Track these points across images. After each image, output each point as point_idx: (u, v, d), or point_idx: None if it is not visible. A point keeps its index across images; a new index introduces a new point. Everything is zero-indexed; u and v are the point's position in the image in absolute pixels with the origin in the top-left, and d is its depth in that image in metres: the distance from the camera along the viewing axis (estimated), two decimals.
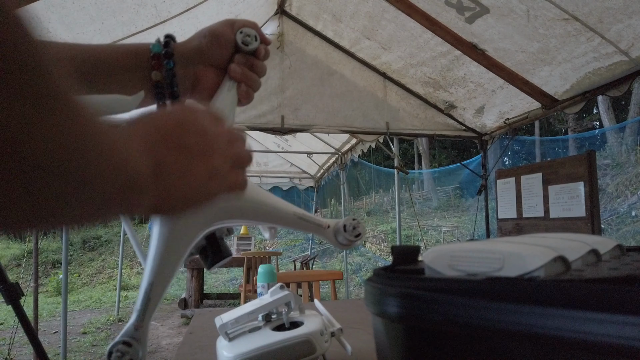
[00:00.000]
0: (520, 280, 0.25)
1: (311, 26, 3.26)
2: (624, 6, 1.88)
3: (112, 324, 5.11)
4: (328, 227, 0.51)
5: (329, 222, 0.51)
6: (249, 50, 0.50)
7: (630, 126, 10.04)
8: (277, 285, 0.82)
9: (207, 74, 0.50)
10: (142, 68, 0.47)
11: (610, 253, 0.36)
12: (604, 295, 0.20)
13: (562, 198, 2.62)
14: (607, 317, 0.20)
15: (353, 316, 1.22)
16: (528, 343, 0.22)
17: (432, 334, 0.27)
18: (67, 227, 0.26)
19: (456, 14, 2.44)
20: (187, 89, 0.50)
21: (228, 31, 0.50)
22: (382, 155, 13.46)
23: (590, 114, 13.92)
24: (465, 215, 10.71)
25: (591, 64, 2.31)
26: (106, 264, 9.58)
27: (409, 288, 0.28)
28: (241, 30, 0.49)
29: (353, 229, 0.50)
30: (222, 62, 0.50)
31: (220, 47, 0.49)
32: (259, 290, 1.13)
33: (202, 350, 0.92)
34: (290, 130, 3.28)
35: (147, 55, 0.47)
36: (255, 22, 0.51)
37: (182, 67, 0.48)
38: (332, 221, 0.51)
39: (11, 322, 3.64)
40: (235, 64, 0.50)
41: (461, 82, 3.06)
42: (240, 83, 0.50)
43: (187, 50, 0.49)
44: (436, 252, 0.31)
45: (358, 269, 8.50)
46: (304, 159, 6.06)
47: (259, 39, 0.50)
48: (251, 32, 0.50)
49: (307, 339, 0.72)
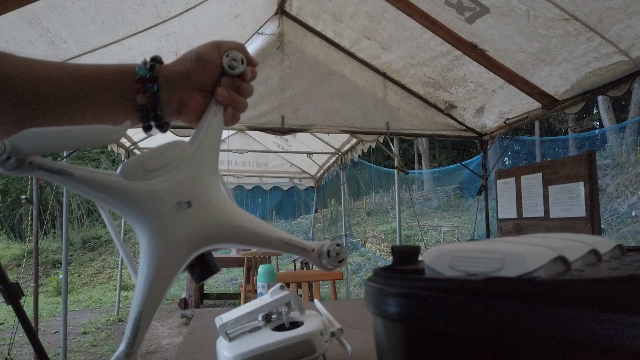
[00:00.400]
0: (521, 280, 0.25)
1: (311, 26, 3.27)
2: (624, 6, 1.88)
3: (112, 324, 5.11)
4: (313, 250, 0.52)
5: (313, 245, 0.52)
6: (236, 73, 0.50)
7: (631, 126, 10.04)
8: (277, 285, 0.82)
9: (194, 97, 0.50)
10: (128, 90, 0.47)
11: (610, 253, 0.36)
12: (604, 295, 0.20)
13: (562, 198, 2.62)
14: (607, 317, 0.20)
15: (353, 316, 1.22)
16: (528, 343, 0.22)
17: (432, 334, 0.27)
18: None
19: (456, 14, 2.44)
20: (173, 111, 0.50)
21: (214, 55, 0.50)
22: (382, 155, 13.46)
23: (591, 114, 13.92)
24: (465, 215, 10.71)
25: (591, 64, 2.31)
26: (106, 264, 9.57)
27: (409, 288, 0.28)
28: (227, 54, 0.50)
29: (336, 255, 0.52)
30: (208, 85, 0.51)
31: (207, 71, 0.50)
32: (259, 290, 1.13)
33: (202, 350, 0.92)
34: (290, 130, 3.29)
35: (132, 78, 0.48)
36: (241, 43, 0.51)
37: (169, 91, 0.49)
38: (317, 244, 0.52)
39: (11, 322, 3.64)
40: (221, 88, 0.50)
41: (461, 82, 3.06)
42: (227, 106, 0.51)
43: (173, 73, 0.49)
44: (436, 252, 0.31)
45: (358, 269, 8.51)
46: (304, 159, 6.06)
47: (246, 62, 0.51)
48: (237, 55, 0.50)
49: (307, 339, 0.72)
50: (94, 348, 4.08)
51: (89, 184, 0.42)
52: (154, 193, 0.43)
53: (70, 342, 4.03)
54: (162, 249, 0.43)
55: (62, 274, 3.80)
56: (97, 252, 10.22)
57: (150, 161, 0.44)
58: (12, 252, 9.70)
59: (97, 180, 0.42)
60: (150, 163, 0.44)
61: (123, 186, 0.43)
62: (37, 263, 2.87)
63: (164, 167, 0.44)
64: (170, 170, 0.45)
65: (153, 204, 0.43)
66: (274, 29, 3.25)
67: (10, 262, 9.19)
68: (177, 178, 0.45)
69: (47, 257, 9.26)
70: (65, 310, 3.24)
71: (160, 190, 0.44)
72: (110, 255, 9.88)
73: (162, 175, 0.44)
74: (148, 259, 0.43)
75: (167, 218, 0.43)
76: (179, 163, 0.45)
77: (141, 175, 0.43)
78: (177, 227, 0.44)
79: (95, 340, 4.33)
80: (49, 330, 4.75)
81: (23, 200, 3.10)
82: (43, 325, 4.82)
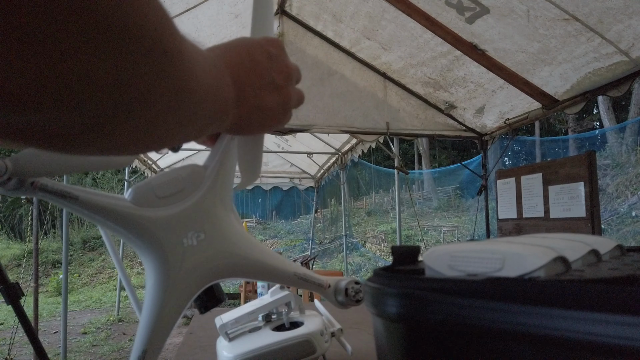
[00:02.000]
0: (521, 281, 0.25)
1: (311, 26, 3.27)
2: (624, 6, 1.88)
3: (112, 324, 5.11)
4: (329, 286, 0.51)
5: (329, 281, 0.51)
6: None
7: (631, 126, 10.04)
8: (277, 286, 0.82)
9: None
10: None
11: (610, 253, 0.36)
12: (604, 296, 0.20)
13: (562, 198, 2.62)
14: (608, 317, 0.20)
15: (353, 316, 1.22)
16: (528, 343, 0.22)
17: (432, 334, 0.27)
18: (172, 145, 0.30)
19: (456, 14, 2.44)
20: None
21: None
22: (382, 155, 13.46)
23: (591, 114, 13.92)
24: (465, 215, 10.71)
25: (591, 64, 2.31)
26: (106, 264, 9.57)
27: (409, 288, 0.28)
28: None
29: (355, 294, 0.51)
30: None
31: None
32: (259, 291, 1.13)
33: (202, 350, 0.92)
34: (290, 131, 3.28)
35: None
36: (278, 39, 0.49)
37: None
38: (333, 280, 0.51)
39: (11, 322, 3.64)
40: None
41: (461, 83, 3.06)
42: None
43: None
44: (436, 252, 0.31)
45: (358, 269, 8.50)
46: (304, 159, 6.06)
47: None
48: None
49: (307, 339, 0.72)
50: (94, 348, 4.08)
51: (95, 209, 0.40)
52: (166, 222, 0.41)
53: (70, 342, 4.03)
54: (170, 281, 0.41)
55: (62, 274, 3.80)
56: (97, 252, 10.23)
57: (162, 187, 0.41)
58: (12, 252, 9.71)
59: (105, 206, 0.40)
60: (163, 189, 0.41)
61: (133, 213, 0.40)
62: (37, 263, 2.87)
63: (176, 193, 0.41)
64: (183, 197, 0.42)
65: (164, 233, 0.40)
66: (274, 29, 3.25)
67: (10, 262, 9.19)
68: (190, 206, 0.42)
69: (47, 257, 9.26)
70: (65, 310, 3.24)
71: (172, 219, 0.41)
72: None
73: (174, 203, 0.41)
74: (155, 292, 0.41)
75: (178, 249, 0.41)
76: (192, 190, 0.42)
77: (153, 201, 0.41)
78: (188, 258, 0.41)
79: (95, 340, 4.33)
80: (49, 330, 4.75)
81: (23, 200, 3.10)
82: (43, 325, 4.82)
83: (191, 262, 0.41)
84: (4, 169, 0.33)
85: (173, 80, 0.24)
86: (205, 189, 0.43)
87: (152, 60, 0.21)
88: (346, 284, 0.50)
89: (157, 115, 0.24)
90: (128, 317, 5.42)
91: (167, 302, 0.41)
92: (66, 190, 0.39)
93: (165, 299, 0.41)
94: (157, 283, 0.41)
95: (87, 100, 0.19)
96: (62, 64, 0.17)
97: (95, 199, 0.40)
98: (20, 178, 0.35)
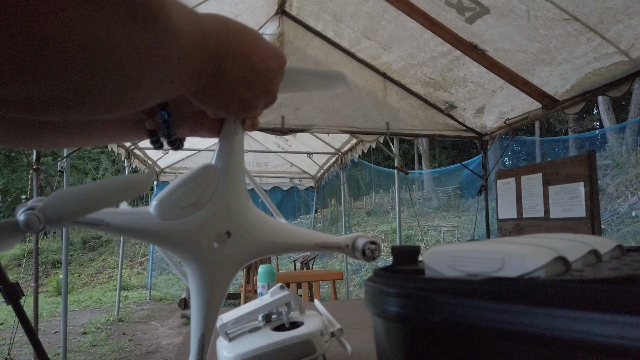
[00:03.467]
0: (521, 281, 0.25)
1: (311, 26, 3.27)
2: (624, 6, 1.88)
3: (112, 324, 5.11)
4: (347, 246, 0.56)
5: (347, 241, 0.57)
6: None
7: (631, 126, 10.03)
8: (277, 286, 0.82)
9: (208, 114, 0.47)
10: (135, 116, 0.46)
11: (610, 253, 0.36)
12: (604, 296, 0.20)
13: (562, 198, 2.62)
14: (607, 317, 0.20)
15: (353, 316, 1.22)
16: (528, 343, 0.22)
17: (432, 334, 0.27)
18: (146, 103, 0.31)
19: (456, 14, 2.44)
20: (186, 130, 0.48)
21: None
22: (382, 155, 13.47)
23: (591, 114, 13.91)
24: (465, 215, 10.70)
25: (591, 64, 2.31)
26: (106, 264, 9.57)
27: (409, 288, 0.28)
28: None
29: (371, 253, 0.57)
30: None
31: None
32: (259, 291, 1.13)
33: None
34: (290, 131, 3.29)
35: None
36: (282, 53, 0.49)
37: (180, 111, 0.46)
38: (350, 239, 0.57)
39: (11, 322, 3.64)
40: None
41: (461, 83, 3.06)
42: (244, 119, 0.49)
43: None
44: (436, 252, 0.31)
45: (358, 269, 8.50)
46: (304, 159, 6.06)
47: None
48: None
49: (307, 339, 0.72)
50: (94, 348, 4.08)
51: (127, 232, 0.43)
52: (194, 231, 0.44)
53: (70, 342, 4.03)
54: (209, 277, 0.46)
55: (62, 274, 3.80)
56: (97, 252, 10.22)
57: (183, 198, 0.44)
58: (12, 252, 9.69)
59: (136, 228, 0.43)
60: (183, 199, 0.44)
61: (163, 229, 0.43)
62: (37, 263, 2.87)
63: (197, 200, 0.44)
64: (203, 202, 0.44)
65: (194, 241, 0.44)
66: (274, 29, 3.25)
67: (10, 262, 9.19)
68: (213, 210, 0.45)
69: (47, 257, 9.26)
70: (65, 310, 3.24)
71: (199, 226, 0.44)
72: (111, 255, 9.88)
73: (197, 210, 0.44)
74: (199, 287, 0.46)
75: (210, 251, 0.45)
76: (210, 193, 0.45)
77: (177, 213, 0.44)
78: (220, 257, 0.46)
79: (95, 340, 4.33)
80: (49, 330, 4.75)
81: (23, 200, 3.10)
82: (43, 325, 4.82)
83: (223, 259, 0.46)
84: (38, 222, 0.34)
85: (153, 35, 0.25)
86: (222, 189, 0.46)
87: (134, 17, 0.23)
88: (363, 245, 0.57)
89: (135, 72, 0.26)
90: (128, 317, 5.42)
91: (211, 293, 0.46)
92: (97, 220, 0.42)
93: (209, 292, 0.46)
94: (198, 281, 0.46)
95: (77, 62, 0.21)
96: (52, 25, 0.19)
97: (125, 222, 0.43)
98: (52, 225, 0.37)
